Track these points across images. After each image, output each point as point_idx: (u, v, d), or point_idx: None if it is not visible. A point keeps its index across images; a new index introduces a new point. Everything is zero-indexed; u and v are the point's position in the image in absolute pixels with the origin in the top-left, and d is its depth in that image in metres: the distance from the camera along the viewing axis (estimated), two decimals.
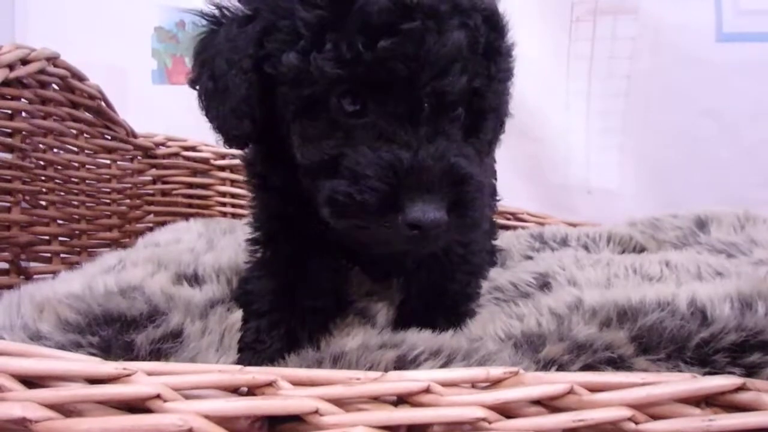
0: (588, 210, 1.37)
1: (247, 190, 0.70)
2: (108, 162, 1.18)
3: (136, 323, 0.54)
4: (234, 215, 1.37)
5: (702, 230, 1.05)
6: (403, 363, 0.50)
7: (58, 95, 1.03)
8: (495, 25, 0.53)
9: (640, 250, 1.03)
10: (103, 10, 1.45)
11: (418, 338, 0.56)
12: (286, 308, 0.63)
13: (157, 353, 0.53)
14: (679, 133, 1.34)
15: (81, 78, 1.07)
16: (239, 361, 0.59)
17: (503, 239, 1.03)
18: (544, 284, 0.75)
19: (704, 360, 0.50)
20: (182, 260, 0.71)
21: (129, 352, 0.52)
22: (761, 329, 0.50)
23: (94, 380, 0.40)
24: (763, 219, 1.05)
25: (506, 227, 1.23)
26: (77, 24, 1.41)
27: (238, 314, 0.63)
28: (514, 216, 1.31)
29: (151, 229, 1.29)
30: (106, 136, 1.17)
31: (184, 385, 0.41)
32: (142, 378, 0.40)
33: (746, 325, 0.50)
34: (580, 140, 1.40)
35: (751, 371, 0.48)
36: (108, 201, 1.18)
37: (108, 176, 1.18)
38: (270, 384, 0.42)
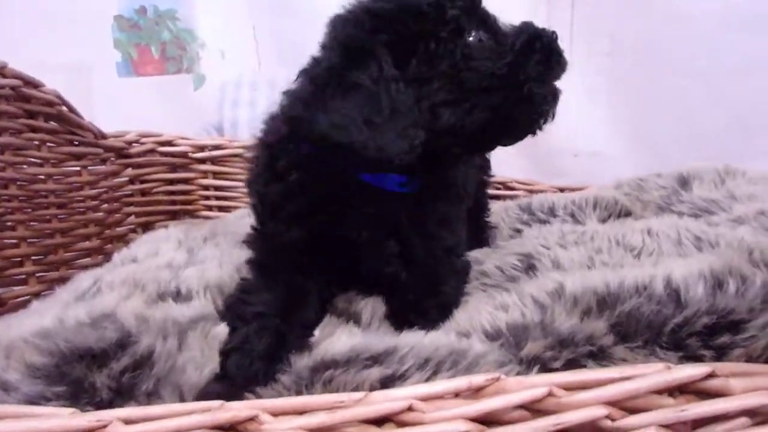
0: (575, 173, 1.38)
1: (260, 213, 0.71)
2: (77, 169, 1.14)
3: (105, 355, 0.54)
4: (220, 208, 1.36)
5: (684, 188, 1.06)
6: (392, 379, 0.51)
7: (11, 107, 0.98)
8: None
9: (626, 213, 1.05)
10: (54, 3, 1.38)
11: (405, 344, 0.56)
12: (278, 315, 0.65)
13: (130, 381, 0.53)
14: (663, 91, 1.34)
15: (36, 85, 1.02)
16: (222, 365, 0.59)
17: (493, 213, 1.04)
18: (529, 266, 0.75)
19: (678, 344, 0.51)
20: (161, 278, 0.71)
21: (99, 390, 0.52)
22: (731, 309, 0.51)
23: None
24: (742, 172, 1.06)
25: (497, 197, 1.24)
26: (26, 22, 1.34)
27: (221, 327, 0.64)
28: (504, 185, 1.31)
29: (133, 231, 1.28)
30: (73, 143, 1.13)
31: (164, 430, 0.41)
32: (118, 428, 0.40)
33: (717, 306, 0.51)
34: (564, 103, 1.38)
35: (721, 353, 0.50)
36: (82, 210, 1.15)
37: (79, 184, 1.14)
38: (252, 419, 0.43)
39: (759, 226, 0.82)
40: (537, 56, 0.65)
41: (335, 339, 0.62)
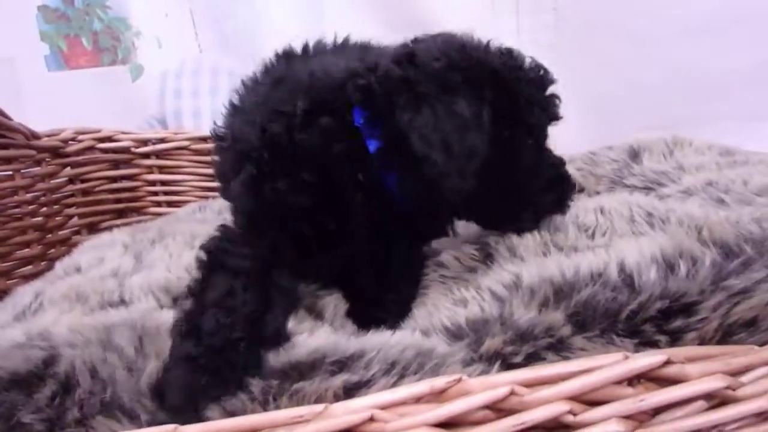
0: None
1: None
2: (9, 173, 1.07)
3: (33, 377, 0.50)
4: (169, 203, 1.31)
5: (635, 161, 1.08)
6: (358, 386, 0.50)
7: None
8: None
9: (580, 190, 1.05)
10: None
11: (372, 347, 0.55)
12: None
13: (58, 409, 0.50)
14: (610, 61, 1.35)
15: None
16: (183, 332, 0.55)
17: None
18: (487, 255, 0.75)
19: (634, 331, 0.51)
20: (105, 288, 0.67)
21: (31, 426, 0.48)
22: (683, 292, 0.52)
23: None
24: (690, 142, 1.08)
25: None
26: None
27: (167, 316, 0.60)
28: None
29: (77, 233, 1.22)
30: (2, 146, 1.05)
31: None
32: None
33: (669, 290, 0.52)
34: None
35: (675, 337, 0.50)
36: (18, 216, 1.09)
37: (12, 189, 1.08)
38: None
39: (707, 197, 0.84)
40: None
41: (300, 338, 0.60)
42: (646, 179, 1.01)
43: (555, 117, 0.77)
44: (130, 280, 0.69)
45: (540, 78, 0.74)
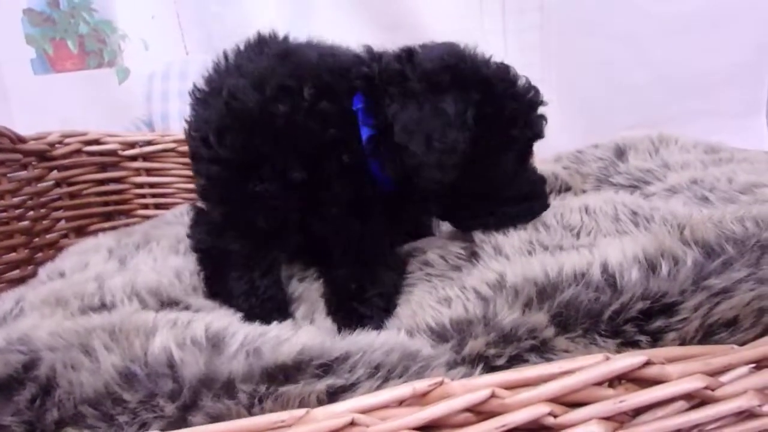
0: None
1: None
2: None
3: (14, 381, 0.50)
4: (157, 206, 1.30)
5: (621, 159, 1.09)
6: (343, 389, 0.50)
7: None
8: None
9: (566, 188, 1.06)
10: None
11: (358, 348, 0.55)
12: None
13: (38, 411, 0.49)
14: (595, 61, 1.35)
15: None
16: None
17: None
18: (472, 254, 0.75)
19: (616, 331, 0.52)
20: (86, 292, 0.66)
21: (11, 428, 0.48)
22: (664, 292, 0.52)
23: None
24: (675, 139, 1.09)
25: None
26: None
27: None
28: None
29: (65, 237, 1.22)
30: None
31: None
32: None
33: (651, 290, 0.52)
34: None
35: (656, 337, 0.50)
36: (5, 220, 1.07)
37: None
38: None
39: (692, 196, 0.84)
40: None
41: (286, 335, 0.60)
42: (632, 177, 1.02)
43: (538, 135, 0.79)
44: (111, 282, 0.69)
45: (530, 96, 0.76)
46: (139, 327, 0.54)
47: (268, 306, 0.71)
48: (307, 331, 0.63)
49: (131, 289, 0.69)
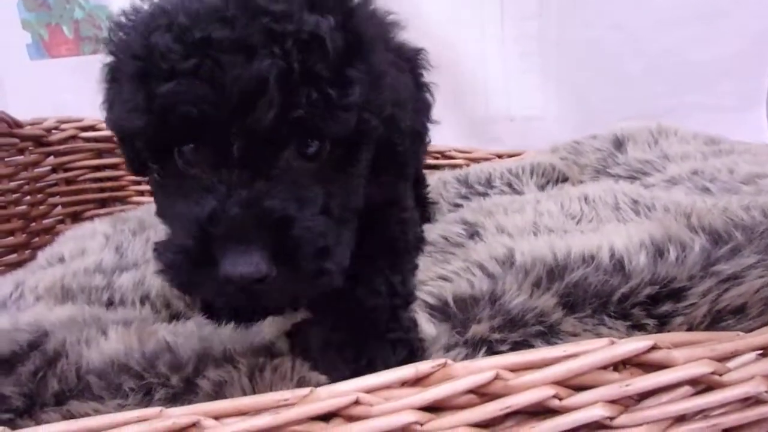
0: (512, 138, 1.38)
1: None
2: None
3: (16, 357, 0.49)
4: (152, 192, 1.29)
5: (619, 150, 1.08)
6: None
7: None
8: (315, 49, 0.45)
9: (564, 179, 1.05)
10: None
11: None
12: None
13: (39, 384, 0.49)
14: (593, 50, 1.34)
15: None
16: None
17: (432, 188, 1.02)
18: (474, 233, 0.75)
19: (624, 314, 0.51)
20: (92, 285, 0.66)
21: (10, 399, 0.47)
22: (672, 277, 0.51)
23: None
24: (674, 131, 1.09)
25: (435, 167, 1.22)
26: None
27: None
28: (443, 154, 1.29)
29: (62, 222, 1.21)
30: None
31: None
32: None
33: (659, 275, 0.52)
34: (497, 68, 1.38)
35: (663, 321, 0.50)
36: (2, 204, 1.07)
37: None
38: (193, 425, 0.41)
39: (693, 186, 0.84)
40: None
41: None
42: (631, 168, 1.02)
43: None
44: (119, 279, 0.68)
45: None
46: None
47: None
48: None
49: (142, 293, 0.68)
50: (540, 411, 0.44)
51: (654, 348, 0.44)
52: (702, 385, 0.44)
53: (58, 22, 1.34)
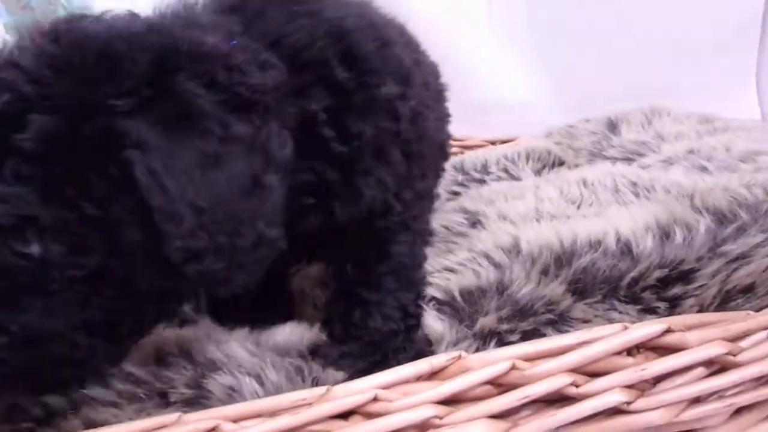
0: (505, 124, 1.36)
1: None
2: None
3: None
4: None
5: (613, 132, 1.08)
6: None
7: None
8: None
9: (559, 163, 1.05)
10: None
11: None
12: None
13: None
14: (581, 31, 1.34)
15: None
16: None
17: None
18: (476, 222, 0.74)
19: (635, 298, 0.51)
20: None
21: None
22: (681, 259, 0.52)
23: None
24: (668, 111, 1.09)
25: None
26: None
27: None
28: None
29: None
30: None
31: None
32: None
33: (667, 258, 0.52)
34: (486, 54, 1.37)
35: (674, 304, 0.50)
36: None
37: None
38: (213, 429, 0.40)
39: (690, 166, 0.84)
40: None
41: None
42: (626, 150, 1.02)
43: None
44: None
45: None
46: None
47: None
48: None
49: None
50: (557, 399, 0.44)
51: (668, 331, 0.44)
52: (716, 365, 0.44)
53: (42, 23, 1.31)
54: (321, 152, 0.47)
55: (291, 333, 0.52)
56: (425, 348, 0.54)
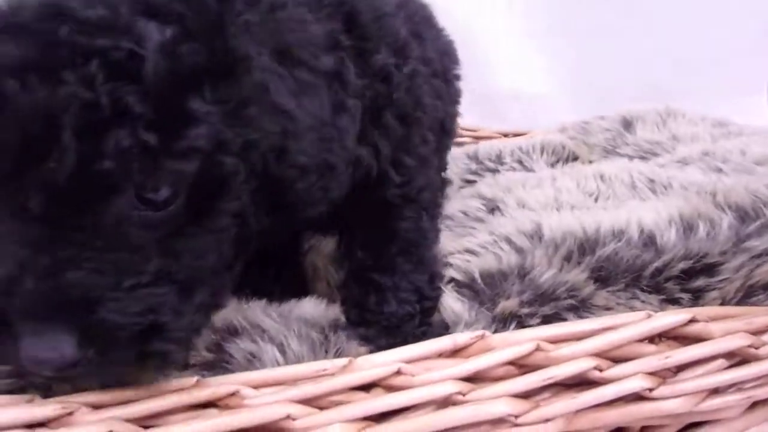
0: (518, 117, 1.36)
1: None
2: None
3: None
4: None
5: (628, 130, 1.08)
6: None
7: None
8: (130, 75, 0.32)
9: (574, 158, 1.05)
10: None
11: None
12: None
13: None
14: (599, 28, 1.33)
15: None
16: None
17: None
18: (494, 208, 0.74)
19: (658, 288, 0.51)
20: None
21: None
22: (705, 253, 0.52)
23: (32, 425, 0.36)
24: (683, 113, 1.09)
25: None
26: None
27: None
28: None
29: None
30: None
31: (138, 414, 0.37)
32: (85, 415, 0.36)
33: (691, 250, 0.52)
34: (504, 45, 1.36)
35: (697, 296, 0.51)
36: None
37: None
38: (233, 394, 0.40)
39: (706, 167, 0.84)
40: None
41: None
42: (640, 149, 1.02)
43: None
44: None
45: None
46: None
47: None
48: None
49: None
50: (579, 382, 0.44)
51: (692, 321, 0.44)
52: (737, 357, 0.45)
53: None
54: None
55: (315, 307, 0.52)
56: (443, 332, 0.53)
